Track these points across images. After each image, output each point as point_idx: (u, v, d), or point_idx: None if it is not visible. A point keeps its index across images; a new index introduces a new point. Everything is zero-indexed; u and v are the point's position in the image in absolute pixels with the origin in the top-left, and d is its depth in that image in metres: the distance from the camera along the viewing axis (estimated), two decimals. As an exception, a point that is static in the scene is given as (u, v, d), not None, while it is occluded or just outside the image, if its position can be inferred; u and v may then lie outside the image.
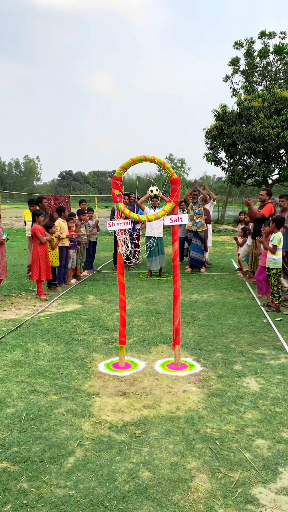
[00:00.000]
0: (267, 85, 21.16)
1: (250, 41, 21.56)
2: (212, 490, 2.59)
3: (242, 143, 18.44)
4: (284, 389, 3.91)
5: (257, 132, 17.63)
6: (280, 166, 19.81)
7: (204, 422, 3.35)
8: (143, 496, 2.53)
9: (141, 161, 4.18)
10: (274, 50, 21.13)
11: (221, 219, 26.56)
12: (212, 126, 19.80)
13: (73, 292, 7.89)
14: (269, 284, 6.87)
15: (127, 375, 4.24)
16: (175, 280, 4.51)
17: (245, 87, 21.00)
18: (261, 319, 6.17)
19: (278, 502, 2.50)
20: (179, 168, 53.47)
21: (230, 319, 6.17)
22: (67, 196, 19.78)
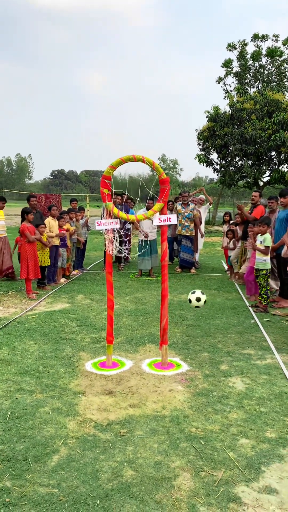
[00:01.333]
0: (259, 88, 21.32)
1: (243, 43, 21.70)
2: (195, 488, 2.60)
3: (233, 145, 18.54)
4: (269, 389, 3.93)
5: (248, 134, 17.73)
6: (271, 168, 19.94)
7: (189, 421, 3.36)
8: (126, 494, 2.53)
9: (130, 161, 4.19)
10: (267, 53, 21.30)
11: (212, 220, 26.66)
12: (205, 127, 19.88)
13: (62, 291, 7.87)
14: (257, 285, 6.92)
15: (114, 374, 4.24)
16: (163, 280, 4.52)
17: (238, 89, 21.13)
18: (249, 320, 6.20)
19: (261, 500, 2.52)
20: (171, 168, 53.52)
21: (218, 319, 6.20)
22: (59, 195, 19.74)
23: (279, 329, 5.78)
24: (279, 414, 3.49)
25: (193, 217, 9.90)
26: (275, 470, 2.80)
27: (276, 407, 3.61)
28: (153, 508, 2.42)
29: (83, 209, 10.27)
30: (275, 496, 2.56)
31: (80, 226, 9.57)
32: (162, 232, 4.56)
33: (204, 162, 20.73)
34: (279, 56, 21.19)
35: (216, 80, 22.23)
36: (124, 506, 2.43)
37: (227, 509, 2.43)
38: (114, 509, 2.41)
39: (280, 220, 7.12)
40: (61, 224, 8.44)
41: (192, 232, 9.94)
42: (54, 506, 2.42)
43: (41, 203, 17.75)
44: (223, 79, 22.26)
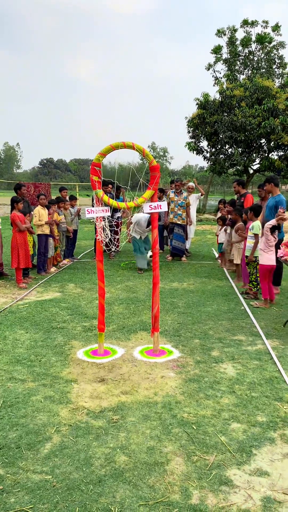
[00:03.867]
0: (249, 74, 21.21)
1: (233, 29, 21.52)
2: (187, 472, 2.63)
3: (223, 132, 18.47)
4: (260, 374, 3.98)
5: (238, 121, 17.67)
6: (261, 155, 19.94)
7: (181, 407, 3.39)
8: (119, 479, 2.55)
9: (120, 148, 4.14)
10: (256, 39, 21.16)
11: (202, 208, 26.67)
12: (194, 115, 19.77)
13: (53, 281, 7.84)
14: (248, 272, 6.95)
15: (105, 362, 4.25)
16: (154, 268, 4.51)
17: (227, 76, 21.00)
18: (239, 307, 6.24)
19: (252, 483, 2.56)
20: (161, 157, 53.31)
21: (209, 307, 6.23)
22: (48, 184, 19.56)
23: (268, 316, 5.84)
24: (270, 398, 3.54)
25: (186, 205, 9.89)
26: (266, 453, 2.84)
27: (267, 391, 3.65)
28: (146, 492, 2.45)
29: (75, 198, 10.19)
30: (266, 478, 2.60)
31: (68, 215, 9.50)
32: (152, 219, 4.54)
33: (194, 150, 20.66)
34: (269, 42, 21.07)
35: (206, 67, 22.06)
36: (117, 491, 2.45)
37: (219, 492, 2.47)
38: (108, 494, 2.43)
39: (269, 207, 7.11)
40: (50, 212, 8.37)
41: (184, 220, 9.93)
42: (47, 493, 2.44)
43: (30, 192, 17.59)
44: (213, 66, 22.10)
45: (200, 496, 2.43)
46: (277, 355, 4.41)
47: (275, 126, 17.02)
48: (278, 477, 2.61)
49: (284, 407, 3.41)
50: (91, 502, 2.36)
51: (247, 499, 2.42)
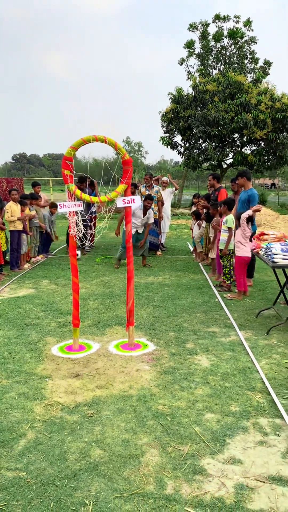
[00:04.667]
0: (221, 69, 21.35)
1: (205, 24, 21.59)
2: (162, 463, 2.66)
3: (197, 127, 18.56)
4: (233, 365, 4.04)
5: (211, 116, 17.79)
6: (234, 150, 20.15)
7: (156, 399, 3.41)
8: (94, 473, 2.56)
9: (92, 141, 4.11)
10: (228, 34, 21.30)
11: (177, 203, 26.78)
12: (168, 109, 19.79)
13: (26, 277, 7.74)
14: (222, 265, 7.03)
15: (80, 357, 4.24)
16: (128, 262, 4.52)
17: (200, 71, 21.08)
18: (213, 299, 6.32)
19: (225, 471, 2.60)
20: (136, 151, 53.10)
21: (184, 300, 6.28)
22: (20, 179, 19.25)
23: (241, 307, 5.93)
24: (243, 388, 3.60)
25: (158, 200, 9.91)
26: (239, 442, 2.89)
27: (240, 381, 3.72)
28: (121, 485, 2.46)
29: (55, 206, 10.09)
30: (239, 466, 2.65)
31: (40, 210, 9.38)
32: (126, 214, 4.54)
33: (168, 144, 20.70)
34: (240, 37, 21.25)
35: (179, 61, 22.09)
36: (92, 485, 2.45)
37: (193, 481, 2.50)
38: (82, 488, 2.43)
39: (241, 201, 7.21)
40: (23, 208, 8.25)
41: (156, 214, 9.96)
42: (22, 489, 2.42)
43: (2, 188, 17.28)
44: (186, 60, 22.14)
45: (174, 486, 2.46)
46: (250, 346, 4.49)
47: (247, 121, 17.22)
48: (251, 464, 2.67)
49: (257, 396, 3.48)
50: (65, 496, 2.36)
51: (221, 487, 2.46)
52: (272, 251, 4.76)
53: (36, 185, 9.89)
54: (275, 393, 3.50)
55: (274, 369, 3.97)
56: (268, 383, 3.65)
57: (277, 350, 4.40)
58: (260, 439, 2.92)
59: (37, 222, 9.08)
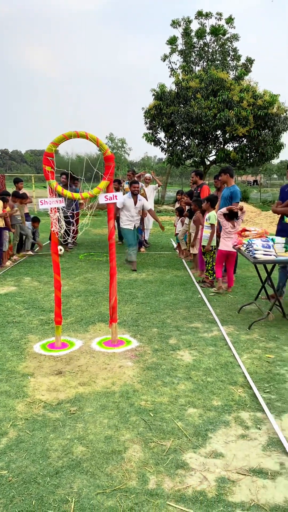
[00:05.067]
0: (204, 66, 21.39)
1: (187, 20, 21.59)
2: (144, 459, 2.67)
3: (180, 124, 18.56)
4: (215, 360, 4.08)
5: (194, 113, 17.81)
6: (217, 147, 20.22)
7: (138, 395, 3.42)
8: (77, 470, 2.55)
9: (73, 137, 4.09)
10: (211, 31, 21.34)
11: (161, 199, 26.81)
12: (151, 106, 19.73)
13: (8, 274, 7.66)
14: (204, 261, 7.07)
15: (63, 354, 4.22)
16: (111, 258, 4.51)
17: (183, 67, 21.08)
18: (196, 295, 6.36)
19: (207, 465, 2.63)
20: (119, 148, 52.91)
21: (167, 296, 6.30)
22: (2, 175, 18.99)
23: (224, 303, 5.98)
24: (225, 382, 3.64)
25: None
26: (221, 436, 2.92)
27: (222, 376, 3.75)
28: (104, 481, 2.46)
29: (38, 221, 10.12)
30: (220, 459, 2.68)
31: (22, 208, 9.27)
32: (108, 211, 4.52)
33: (152, 141, 20.65)
34: (223, 34, 21.30)
35: (161, 58, 22.04)
36: (75, 482, 2.45)
37: (175, 476, 2.52)
38: (65, 485, 2.42)
39: (224, 198, 7.26)
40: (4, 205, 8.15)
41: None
42: (3, 488, 2.40)
43: (-16, 184, 17.04)
44: (169, 57, 22.11)
45: (157, 481, 2.47)
46: (232, 341, 4.54)
47: (230, 118, 17.29)
48: (232, 457, 2.70)
49: (239, 390, 3.51)
50: (47, 494, 2.35)
51: (202, 480, 2.48)
52: (253, 247, 4.81)
53: (18, 181, 9.78)
54: (256, 387, 3.55)
55: (255, 363, 4.02)
56: (249, 378, 3.70)
57: (259, 345, 4.46)
58: (242, 433, 2.95)
59: (20, 219, 8.98)
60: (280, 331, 4.87)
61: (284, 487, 2.43)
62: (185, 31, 21.64)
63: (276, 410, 3.22)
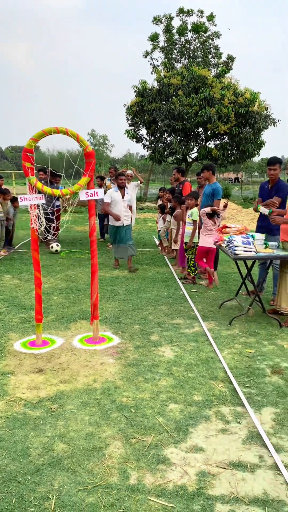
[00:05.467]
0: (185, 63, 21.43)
1: (169, 17, 21.58)
2: (126, 455, 2.67)
3: (162, 120, 18.57)
4: (196, 355, 4.11)
5: (176, 110, 17.84)
6: (199, 144, 20.32)
7: (120, 392, 3.43)
8: (58, 467, 2.54)
9: (53, 133, 4.05)
10: (192, 28, 21.39)
11: (143, 196, 26.81)
12: (133, 102, 19.68)
13: (-11, 272, 7.56)
14: (186, 258, 7.11)
15: (44, 352, 4.19)
16: (93, 255, 4.49)
17: (165, 64, 21.08)
18: (178, 291, 6.39)
19: (188, 459, 2.65)
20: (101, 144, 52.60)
21: (149, 293, 6.31)
22: (-18, 172, 18.70)
23: (205, 299, 6.03)
24: (206, 378, 3.67)
25: None
26: (201, 430, 2.95)
27: (203, 371, 3.78)
28: (85, 478, 2.46)
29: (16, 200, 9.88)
30: (201, 454, 2.70)
31: (6, 204, 9.16)
32: (89, 207, 4.50)
33: (134, 137, 20.62)
34: (204, 32, 21.38)
35: (143, 54, 22.00)
36: (55, 479, 2.44)
37: (156, 471, 2.53)
38: (45, 482, 2.41)
39: (206, 194, 7.30)
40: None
41: None
42: (-18, 487, 2.37)
43: None
44: (150, 54, 22.08)
45: (138, 477, 2.48)
46: (213, 336, 4.58)
47: (211, 115, 17.38)
48: (213, 451, 2.73)
49: (219, 385, 3.55)
50: (28, 492, 2.34)
51: (183, 475, 2.51)
52: (234, 244, 4.85)
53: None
54: (237, 381, 3.59)
55: (236, 358, 4.06)
56: (230, 372, 3.74)
57: (239, 340, 4.51)
58: (222, 427, 2.99)
59: (2, 216, 8.87)
60: (260, 326, 4.93)
61: (263, 479, 2.47)
62: (167, 28, 21.64)
63: (255, 404, 3.27)
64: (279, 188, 5.67)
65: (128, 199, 7.88)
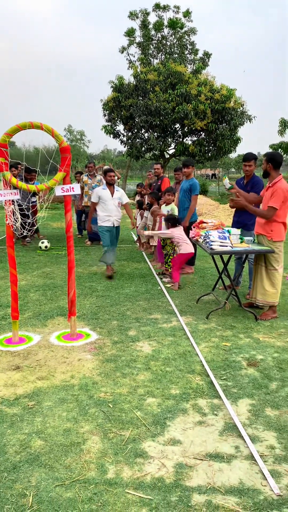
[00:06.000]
0: (162, 59, 21.42)
1: (145, 12, 21.52)
2: (103, 449, 2.68)
3: (139, 116, 18.53)
4: (174, 350, 4.14)
5: (153, 106, 17.83)
6: (176, 140, 20.37)
7: (98, 387, 3.43)
8: (35, 464, 2.53)
9: (27, 128, 4.00)
10: (169, 24, 21.39)
11: (121, 192, 26.74)
12: (109, 98, 19.57)
13: None
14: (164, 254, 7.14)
15: (20, 349, 4.15)
16: (69, 252, 4.46)
17: (141, 59, 21.03)
18: (156, 287, 6.41)
19: (165, 452, 2.67)
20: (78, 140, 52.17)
21: (127, 288, 6.31)
22: None
23: (183, 294, 6.07)
24: (183, 371, 3.70)
25: None
26: (179, 423, 2.98)
27: (180, 365, 3.82)
28: (62, 473, 2.45)
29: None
30: (178, 446, 2.73)
31: None
32: (65, 203, 4.47)
33: (111, 133, 20.52)
34: (181, 28, 21.40)
35: (119, 50, 21.88)
36: (33, 475, 2.43)
37: (134, 464, 2.55)
38: (23, 479, 2.40)
39: (183, 190, 7.35)
40: None
41: None
42: None
43: None
44: (127, 49, 21.97)
45: (116, 470, 2.49)
46: (190, 331, 4.62)
47: (188, 111, 17.44)
48: (190, 444, 2.76)
49: (196, 378, 3.59)
50: (5, 489, 2.32)
51: (161, 467, 2.53)
52: (210, 239, 4.90)
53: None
54: (213, 374, 3.64)
55: (212, 351, 4.11)
56: (207, 366, 3.78)
57: (216, 334, 4.56)
58: (199, 420, 3.02)
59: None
60: (236, 319, 5.00)
61: (238, 469, 2.52)
62: (143, 23, 21.57)
63: (232, 396, 3.32)
64: (254, 183, 5.74)
65: (118, 196, 7.23)
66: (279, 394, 3.34)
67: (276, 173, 4.94)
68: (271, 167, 4.93)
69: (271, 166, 4.93)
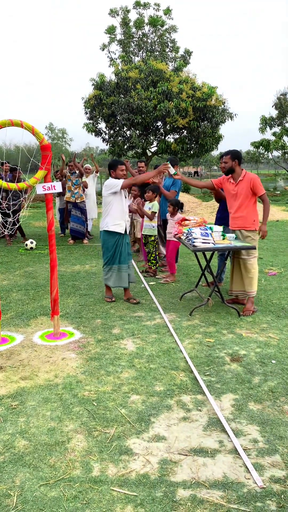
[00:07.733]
0: (143, 57, 21.41)
1: (125, 10, 21.47)
2: (88, 448, 2.68)
3: (121, 114, 18.51)
4: (158, 347, 4.16)
5: (135, 104, 17.82)
6: (158, 138, 20.42)
7: (82, 386, 3.42)
8: (19, 463, 2.51)
9: (7, 125, 3.96)
10: (149, 22, 21.38)
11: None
12: (91, 96, 19.50)
13: None
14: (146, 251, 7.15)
15: (3, 349, 4.11)
16: (51, 250, 4.43)
17: (122, 57, 20.97)
18: (140, 284, 6.42)
19: (150, 449, 2.68)
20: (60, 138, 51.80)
21: (111, 287, 6.29)
22: None
23: (166, 291, 6.09)
24: (167, 368, 3.72)
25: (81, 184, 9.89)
26: (163, 420, 2.99)
27: (164, 362, 3.83)
28: (47, 472, 2.44)
29: None
30: (163, 442, 2.75)
31: None
32: (47, 202, 4.43)
33: (93, 131, 20.46)
34: (161, 25, 21.42)
35: (100, 47, 21.79)
36: (17, 475, 2.41)
37: (119, 461, 2.55)
38: (6, 480, 2.38)
39: (166, 187, 7.37)
40: None
41: (83, 197, 9.91)
42: None
43: None
44: (107, 46, 21.90)
45: (100, 468, 2.49)
46: (174, 328, 4.64)
47: (169, 109, 17.49)
48: (174, 440, 2.78)
49: (180, 375, 3.61)
50: (-12, 491, 2.30)
51: (146, 464, 2.54)
52: (193, 236, 4.93)
53: None
54: (197, 370, 3.66)
55: (196, 348, 4.14)
56: (190, 362, 3.81)
57: (199, 330, 4.60)
58: (183, 415, 3.04)
59: None
60: (219, 316, 5.04)
61: (222, 463, 2.54)
62: (124, 20, 21.51)
63: (215, 392, 3.35)
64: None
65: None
66: (262, 389, 3.39)
67: (240, 169, 5.22)
68: (237, 164, 5.19)
69: (236, 162, 5.18)
